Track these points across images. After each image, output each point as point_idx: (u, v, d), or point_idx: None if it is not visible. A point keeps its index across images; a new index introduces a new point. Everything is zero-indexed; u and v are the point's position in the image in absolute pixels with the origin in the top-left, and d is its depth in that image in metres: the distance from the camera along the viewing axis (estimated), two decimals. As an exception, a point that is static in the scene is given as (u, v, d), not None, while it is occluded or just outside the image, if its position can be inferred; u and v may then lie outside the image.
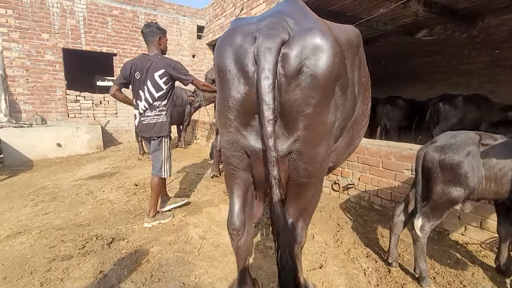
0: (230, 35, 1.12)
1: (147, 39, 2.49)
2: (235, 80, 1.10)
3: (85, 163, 5.14)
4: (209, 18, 7.92)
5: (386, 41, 8.59)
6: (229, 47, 1.11)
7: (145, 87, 2.43)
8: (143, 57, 2.47)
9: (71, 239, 2.36)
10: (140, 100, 2.48)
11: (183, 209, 2.97)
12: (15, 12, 5.78)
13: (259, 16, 1.27)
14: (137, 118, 2.55)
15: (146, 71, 2.40)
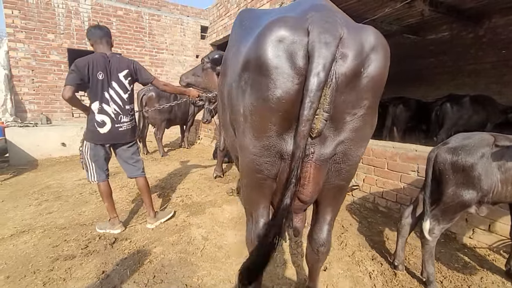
0: (276, 28, 0.96)
1: (100, 39, 2.27)
2: (283, 78, 0.96)
3: (89, 163, 5.15)
4: (212, 18, 7.93)
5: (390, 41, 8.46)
6: (276, 41, 0.95)
7: (110, 89, 2.25)
8: (101, 55, 2.23)
9: (74, 238, 2.36)
10: (107, 103, 2.25)
11: (186, 209, 2.96)
12: (21, 13, 5.84)
13: (290, 7, 1.16)
14: (106, 124, 2.26)
15: (110, 72, 2.24)
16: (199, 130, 7.21)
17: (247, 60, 1.04)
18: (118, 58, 2.30)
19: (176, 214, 2.83)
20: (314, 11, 1.01)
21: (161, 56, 7.53)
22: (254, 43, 1.02)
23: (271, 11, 1.31)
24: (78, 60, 2.17)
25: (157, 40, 7.45)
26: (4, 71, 5.73)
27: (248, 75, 1.04)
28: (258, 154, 1.12)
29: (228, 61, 1.35)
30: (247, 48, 1.06)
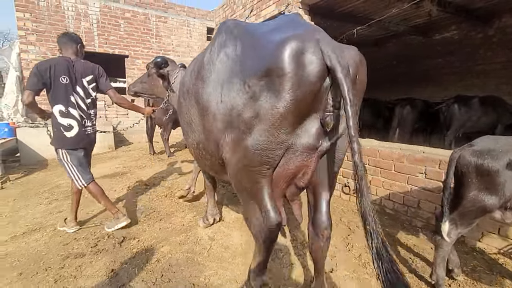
0: (297, 42, 1.13)
1: (66, 45, 2.28)
2: (305, 83, 1.13)
3: (97, 163, 5.23)
4: (218, 20, 7.98)
5: (397, 41, 8.46)
6: (297, 53, 1.12)
7: (75, 94, 2.24)
8: (64, 59, 2.22)
9: (83, 237, 2.40)
10: (73, 107, 2.22)
11: (192, 210, 2.99)
12: (32, 16, 5.97)
13: (286, 23, 1.39)
14: (73, 128, 2.23)
15: (75, 76, 2.23)
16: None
17: (269, 69, 1.15)
18: (82, 63, 2.31)
19: (182, 214, 2.86)
20: (316, 31, 1.23)
21: (167, 58, 7.60)
22: (278, 54, 1.13)
23: (271, 25, 1.44)
24: (39, 63, 2.17)
25: (164, 42, 7.54)
26: (15, 72, 5.87)
27: (268, 81, 1.16)
28: (270, 149, 1.23)
29: (215, 69, 1.42)
30: (266, 58, 1.17)
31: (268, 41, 1.21)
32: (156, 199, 3.30)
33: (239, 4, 6.91)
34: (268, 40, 1.22)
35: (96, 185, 2.44)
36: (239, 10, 6.93)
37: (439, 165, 2.42)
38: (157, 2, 7.35)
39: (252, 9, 6.37)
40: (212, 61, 1.46)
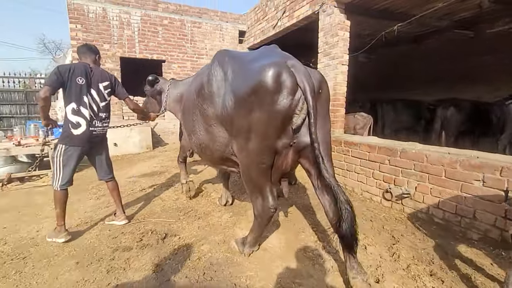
0: (276, 68, 1.61)
1: (85, 54, 2.46)
2: (288, 101, 1.63)
3: (137, 162, 5.57)
4: (250, 23, 8.07)
5: (439, 37, 7.84)
6: (277, 77, 1.60)
7: (89, 95, 2.38)
8: (83, 65, 2.38)
9: (129, 231, 2.55)
10: (84, 106, 2.34)
11: (228, 210, 3.02)
12: (83, 26, 6.55)
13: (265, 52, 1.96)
14: (81, 126, 2.32)
15: (91, 79, 2.38)
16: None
17: (254, 88, 1.64)
18: (100, 70, 2.50)
19: (219, 214, 2.92)
20: (288, 59, 1.74)
21: (201, 61, 7.87)
22: (261, 77, 1.61)
23: (255, 54, 1.97)
24: (61, 65, 2.32)
25: (197, 46, 7.81)
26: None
27: (257, 96, 1.64)
28: (264, 152, 1.75)
29: (215, 89, 1.98)
30: (252, 80, 1.65)
31: (254, 67, 1.70)
32: (193, 198, 3.40)
33: (271, 6, 6.93)
34: (254, 66, 1.72)
35: (65, 195, 2.42)
36: (271, 12, 6.96)
37: (500, 172, 2.18)
38: (192, 8, 7.65)
39: (284, 11, 6.35)
40: (211, 84, 1.99)
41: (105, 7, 6.70)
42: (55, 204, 2.41)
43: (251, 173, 1.85)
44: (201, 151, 2.35)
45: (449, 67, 7.80)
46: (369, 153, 3.34)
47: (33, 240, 2.46)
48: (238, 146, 1.84)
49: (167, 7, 7.34)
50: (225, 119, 1.86)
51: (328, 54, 4.96)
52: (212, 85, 1.99)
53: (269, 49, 2.02)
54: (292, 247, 2.26)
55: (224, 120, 1.88)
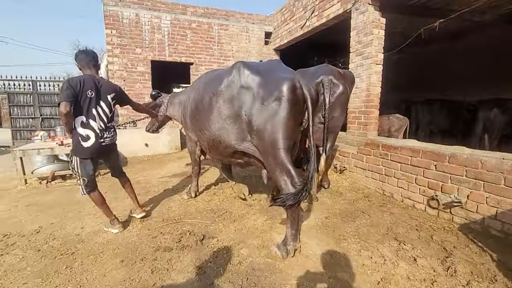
0: (292, 81, 2.11)
1: (88, 64, 2.49)
2: (296, 103, 2.12)
3: (167, 162, 5.70)
4: (277, 23, 8.02)
5: (481, 33, 7.29)
6: (294, 87, 2.10)
7: (98, 107, 2.45)
8: (90, 77, 2.43)
9: (168, 232, 2.58)
10: (93, 119, 2.42)
11: (263, 213, 2.98)
12: (118, 32, 6.85)
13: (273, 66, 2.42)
14: (90, 139, 2.42)
15: (99, 91, 2.44)
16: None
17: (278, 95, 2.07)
18: (106, 82, 2.61)
19: (254, 217, 2.87)
20: (296, 74, 2.25)
21: (227, 63, 7.94)
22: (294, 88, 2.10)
23: (270, 67, 2.39)
24: (70, 78, 2.37)
25: (224, 48, 7.89)
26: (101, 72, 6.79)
27: (278, 101, 2.08)
28: (289, 143, 2.13)
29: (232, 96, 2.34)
30: (276, 88, 2.08)
31: (274, 79, 2.14)
32: (226, 200, 3.39)
33: (299, 6, 6.83)
34: (273, 78, 2.15)
35: (99, 195, 2.61)
36: (298, 12, 6.85)
37: None
38: (219, 11, 7.74)
39: (313, 10, 6.22)
40: (232, 89, 2.32)
41: (138, 12, 6.97)
42: (96, 205, 2.65)
43: (278, 154, 2.13)
44: (213, 145, 2.63)
45: (492, 65, 7.22)
46: (411, 157, 3.14)
47: (78, 237, 2.57)
48: (263, 138, 2.19)
49: (195, 10, 7.49)
50: (247, 119, 2.21)
51: (361, 54, 4.77)
52: (232, 90, 2.31)
53: (277, 63, 2.52)
54: (335, 256, 2.16)
55: (245, 120, 2.24)
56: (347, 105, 3.56)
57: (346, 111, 3.62)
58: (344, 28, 5.25)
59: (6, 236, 2.64)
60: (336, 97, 3.27)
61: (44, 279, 1.93)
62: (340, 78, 3.41)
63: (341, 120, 3.56)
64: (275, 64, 2.47)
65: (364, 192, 3.61)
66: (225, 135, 2.41)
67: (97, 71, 2.60)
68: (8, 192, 4.08)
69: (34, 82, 8.96)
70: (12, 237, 2.61)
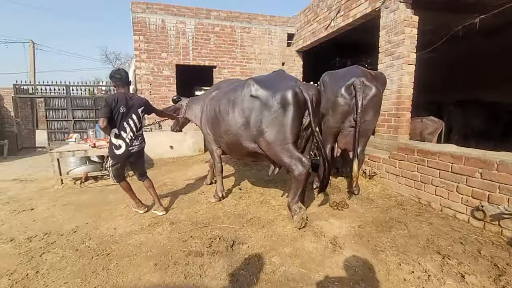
0: (294, 89, 2.60)
1: (122, 83, 2.91)
2: (299, 106, 2.59)
3: (192, 164, 5.79)
4: (299, 25, 7.92)
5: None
6: (296, 93, 2.57)
7: (129, 120, 2.88)
8: (123, 94, 2.87)
9: (198, 236, 2.58)
10: (124, 131, 2.87)
11: (291, 220, 2.90)
12: (145, 37, 7.09)
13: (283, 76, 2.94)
14: (121, 147, 2.90)
15: (131, 107, 2.88)
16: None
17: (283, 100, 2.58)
18: (137, 98, 3.05)
19: (283, 224, 2.81)
20: (297, 81, 2.79)
21: (250, 66, 7.95)
22: (285, 94, 2.60)
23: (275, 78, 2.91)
24: (107, 97, 2.86)
25: (247, 51, 7.91)
26: (131, 86, 7.05)
27: (284, 106, 2.58)
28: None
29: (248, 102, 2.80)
30: (281, 96, 2.59)
31: (278, 88, 2.60)
32: (253, 205, 3.36)
33: (323, 7, 6.70)
34: (277, 88, 2.61)
35: (125, 183, 3.19)
36: (323, 12, 6.72)
37: None
38: (242, 14, 7.78)
39: (339, 10, 6.06)
40: (245, 97, 2.76)
41: (164, 18, 7.17)
42: (125, 192, 3.22)
43: (283, 149, 2.66)
44: (232, 147, 3.13)
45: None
46: (452, 164, 2.93)
47: (112, 238, 2.64)
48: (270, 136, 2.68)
49: (218, 14, 7.58)
50: (257, 123, 2.69)
51: (392, 54, 4.56)
52: (245, 101, 2.77)
53: (283, 73, 3.02)
54: (373, 269, 2.04)
55: (256, 124, 2.71)
56: (380, 108, 3.40)
57: (379, 114, 3.45)
58: (371, 27, 5.06)
59: (47, 234, 2.77)
60: (369, 100, 3.13)
61: (83, 279, 1.99)
62: (373, 80, 3.27)
63: (374, 124, 3.42)
64: (280, 74, 2.96)
65: (398, 199, 3.43)
66: (240, 138, 2.87)
67: (129, 88, 3.02)
68: (46, 191, 4.33)
69: (68, 86, 9.51)
70: (52, 236, 2.74)
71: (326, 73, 3.66)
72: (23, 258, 2.33)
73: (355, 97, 3.08)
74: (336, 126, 3.37)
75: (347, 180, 4.24)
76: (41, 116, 15.12)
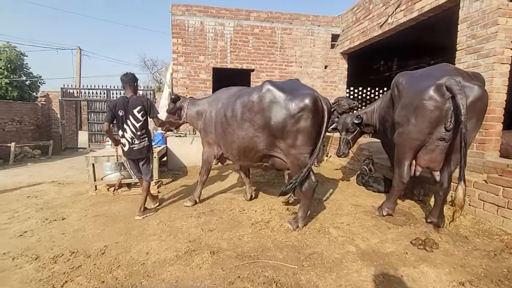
0: (314, 96, 2.66)
1: (126, 84, 3.16)
2: (317, 113, 2.64)
3: (227, 175, 5.33)
4: (346, 24, 7.22)
5: None
6: (315, 101, 2.64)
7: (128, 121, 3.11)
8: (122, 98, 3.15)
9: (247, 277, 2.02)
10: (125, 131, 3.14)
11: (364, 259, 2.22)
12: (183, 40, 6.90)
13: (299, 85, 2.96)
14: (126, 146, 3.19)
15: (128, 109, 3.09)
16: (329, 146, 6.53)
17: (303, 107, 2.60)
18: (134, 98, 3.15)
19: (356, 267, 2.14)
20: (313, 90, 2.82)
21: (290, 69, 7.40)
22: (306, 101, 2.63)
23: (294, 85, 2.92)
24: (109, 103, 3.29)
25: (287, 54, 7.38)
26: (168, 89, 6.88)
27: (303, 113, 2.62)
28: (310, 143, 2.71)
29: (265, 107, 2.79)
30: (301, 101, 2.62)
31: (299, 94, 2.66)
32: (308, 233, 2.73)
33: (377, 2, 5.95)
34: (298, 94, 2.67)
35: (145, 182, 3.35)
36: (377, 9, 5.97)
37: None
38: (283, 15, 7.30)
39: (399, 4, 5.28)
40: (263, 103, 2.74)
41: (203, 20, 6.93)
42: (143, 191, 3.34)
43: (301, 157, 2.68)
44: (244, 153, 3.05)
45: None
46: None
47: (143, 267, 2.19)
48: (289, 143, 2.69)
49: (258, 15, 7.18)
50: (276, 127, 2.67)
51: (477, 51, 3.70)
52: (263, 104, 2.72)
53: (298, 82, 3.00)
54: None
55: (274, 128, 2.69)
56: (484, 115, 2.60)
57: (481, 124, 2.66)
58: (435, 24, 4.23)
59: (73, 254, 2.42)
60: (472, 104, 2.37)
61: (107, 333, 1.52)
62: (471, 79, 2.51)
63: (473, 136, 2.63)
64: (295, 82, 2.99)
65: (504, 239, 2.56)
66: (258, 142, 2.86)
67: (134, 89, 3.20)
68: (80, 197, 4.12)
69: (108, 90, 9.73)
70: (79, 257, 2.37)
71: (402, 74, 2.96)
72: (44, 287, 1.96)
73: (453, 99, 2.35)
74: (420, 139, 2.62)
75: (420, 206, 3.44)
76: (84, 118, 15.99)
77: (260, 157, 2.97)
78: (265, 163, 3.05)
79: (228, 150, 3.25)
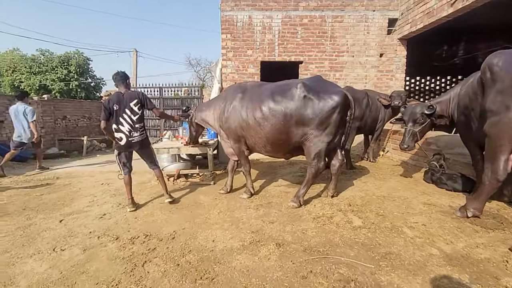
0: (344, 93, 3.08)
1: (118, 82, 3.28)
2: (346, 109, 3.14)
3: (277, 168, 5.27)
4: (406, 6, 6.54)
5: None
6: (345, 97, 3.09)
7: (124, 114, 3.19)
8: (117, 94, 3.25)
9: (320, 272, 1.93)
10: (122, 125, 3.21)
11: (454, 266, 1.96)
12: (232, 35, 6.99)
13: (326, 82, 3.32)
14: (122, 140, 3.24)
15: (123, 103, 3.19)
16: (386, 140, 6.04)
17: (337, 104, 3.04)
18: (130, 93, 3.27)
19: (445, 271, 1.90)
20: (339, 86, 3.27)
21: (340, 60, 7.01)
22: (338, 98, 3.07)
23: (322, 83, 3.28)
24: (104, 100, 3.35)
25: (338, 43, 6.99)
26: (218, 84, 7.07)
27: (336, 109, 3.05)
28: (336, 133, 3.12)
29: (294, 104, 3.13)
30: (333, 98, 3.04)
31: (331, 92, 3.06)
32: (378, 231, 2.51)
33: (448, -24, 5.23)
34: (330, 91, 3.08)
35: (128, 178, 3.42)
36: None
37: None
38: (334, 2, 6.90)
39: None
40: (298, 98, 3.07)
41: (251, 14, 6.92)
42: (125, 185, 3.41)
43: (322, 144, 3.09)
44: (276, 145, 3.29)
45: None
46: None
47: (213, 254, 2.25)
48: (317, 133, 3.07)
49: (307, 4, 6.90)
50: (311, 120, 3.02)
51: None
52: (297, 101, 3.05)
53: (319, 78, 3.37)
54: None
55: (308, 120, 3.03)
56: None
57: None
58: None
59: (147, 237, 2.61)
60: None
61: (191, 314, 1.57)
62: None
63: None
64: (320, 79, 3.32)
65: None
66: (292, 134, 3.12)
67: (126, 85, 3.32)
68: (144, 185, 4.45)
69: (161, 88, 10.42)
70: (152, 240, 2.54)
71: (496, 54, 2.51)
72: (127, 265, 2.13)
73: None
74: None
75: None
76: (139, 115, 17.49)
77: (291, 148, 3.25)
78: (293, 152, 3.38)
79: (255, 144, 3.44)
